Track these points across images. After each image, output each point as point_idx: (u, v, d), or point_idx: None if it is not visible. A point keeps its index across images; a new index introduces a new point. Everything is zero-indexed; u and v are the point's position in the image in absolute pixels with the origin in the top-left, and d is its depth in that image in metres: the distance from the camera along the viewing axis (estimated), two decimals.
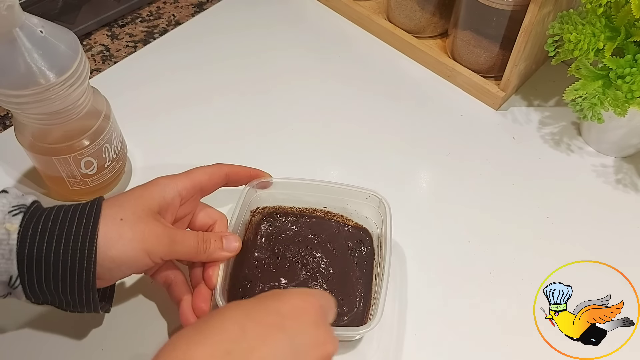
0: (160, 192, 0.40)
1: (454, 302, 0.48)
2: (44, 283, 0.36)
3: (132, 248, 0.37)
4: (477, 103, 0.64)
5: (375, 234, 0.49)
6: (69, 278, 0.36)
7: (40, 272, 0.35)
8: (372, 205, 0.48)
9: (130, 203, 0.38)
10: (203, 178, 0.43)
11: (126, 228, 0.37)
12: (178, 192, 0.41)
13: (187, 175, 0.42)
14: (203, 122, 0.61)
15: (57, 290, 0.36)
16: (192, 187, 0.42)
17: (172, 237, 0.39)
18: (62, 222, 0.36)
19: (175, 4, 0.74)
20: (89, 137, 0.48)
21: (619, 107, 0.49)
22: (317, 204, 0.50)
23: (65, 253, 0.35)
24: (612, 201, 0.56)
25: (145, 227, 0.38)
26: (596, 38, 0.49)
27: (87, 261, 0.35)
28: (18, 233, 0.34)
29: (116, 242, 0.36)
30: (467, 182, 0.57)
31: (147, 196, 0.39)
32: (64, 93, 0.43)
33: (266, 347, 0.30)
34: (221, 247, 0.42)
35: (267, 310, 0.33)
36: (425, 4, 0.64)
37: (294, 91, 0.64)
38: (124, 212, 0.37)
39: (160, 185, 0.41)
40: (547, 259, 0.51)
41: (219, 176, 0.44)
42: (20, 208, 0.36)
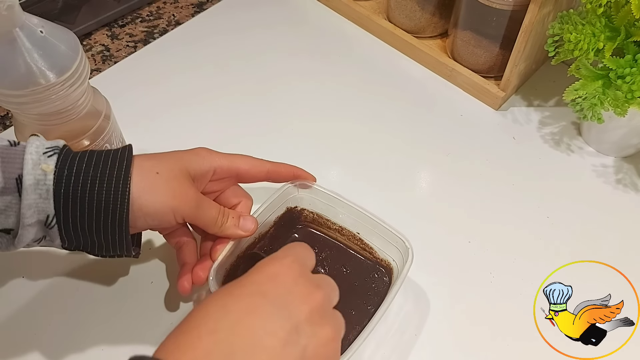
0: (197, 161, 0.41)
1: (454, 302, 0.48)
2: (79, 223, 0.36)
3: (162, 202, 0.38)
4: (477, 103, 0.64)
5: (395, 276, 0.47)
6: (103, 218, 0.36)
7: (75, 212, 0.36)
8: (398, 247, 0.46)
9: (169, 161, 0.40)
10: (243, 166, 0.44)
11: (161, 181, 0.38)
12: (213, 167, 0.42)
13: (229, 157, 0.43)
14: (203, 121, 0.61)
15: (91, 230, 0.37)
16: (229, 170, 0.43)
17: (199, 202, 0.40)
18: (95, 165, 0.36)
19: (175, 4, 0.74)
20: (89, 137, 0.48)
21: (619, 107, 0.49)
22: (352, 226, 0.49)
23: (100, 193, 0.36)
24: (612, 201, 0.56)
25: (177, 186, 0.39)
26: (596, 38, 0.50)
27: (121, 202, 0.36)
28: (54, 173, 0.35)
29: (148, 192, 0.37)
30: (467, 182, 0.57)
31: (185, 160, 0.41)
32: (64, 93, 0.43)
33: (249, 315, 0.31)
34: (237, 224, 0.43)
35: (243, 284, 0.33)
36: (425, 4, 0.64)
37: (294, 91, 0.64)
38: (160, 167, 0.39)
39: (199, 156, 0.42)
40: (547, 259, 0.51)
41: (259, 171, 0.45)
42: (54, 149, 0.36)
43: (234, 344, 0.29)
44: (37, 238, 0.37)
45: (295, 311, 0.31)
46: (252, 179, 0.45)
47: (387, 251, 0.48)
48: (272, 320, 0.30)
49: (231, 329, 0.30)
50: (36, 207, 0.35)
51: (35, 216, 0.35)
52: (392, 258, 0.48)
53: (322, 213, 0.50)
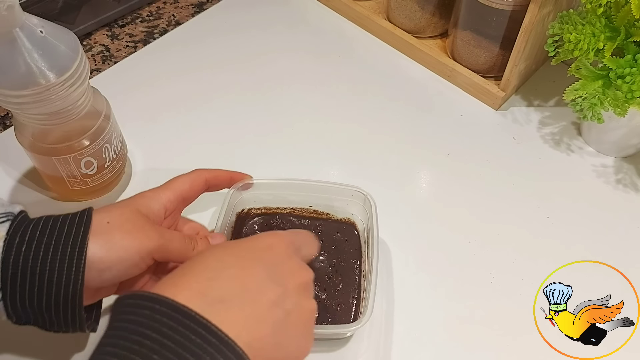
0: (146, 203, 0.40)
1: (455, 302, 0.48)
2: (27, 297, 0.34)
3: (121, 247, 0.36)
4: (477, 103, 0.64)
5: (362, 230, 0.50)
6: (54, 290, 0.34)
7: (24, 285, 0.34)
8: (357, 202, 0.49)
9: (118, 208, 0.38)
10: (184, 187, 0.43)
11: (114, 230, 0.36)
12: (163, 205, 0.41)
13: (169, 187, 0.42)
14: (203, 122, 0.61)
15: (40, 305, 0.35)
16: (175, 199, 0.42)
17: (161, 234, 0.38)
18: (50, 231, 0.35)
19: (175, 4, 0.74)
20: (89, 137, 0.48)
21: (619, 107, 0.49)
22: (302, 203, 0.51)
23: (53, 262, 0.34)
24: (612, 201, 0.56)
25: (132, 226, 0.37)
26: (596, 38, 0.50)
27: (76, 270, 0.34)
28: (4, 241, 0.34)
29: (105, 245, 0.35)
30: (467, 182, 0.57)
31: (134, 204, 0.39)
32: (64, 93, 0.43)
33: (245, 273, 0.32)
34: (208, 244, 0.42)
35: (241, 247, 0.35)
36: (425, 4, 0.64)
37: (294, 91, 0.64)
38: (110, 216, 0.37)
39: (146, 198, 0.40)
40: (547, 259, 0.51)
41: (199, 183, 0.44)
42: (8, 216, 0.35)
43: (226, 291, 0.31)
44: None
45: (285, 280, 0.33)
46: (196, 195, 0.44)
47: (345, 209, 0.50)
48: (264, 282, 0.33)
49: (226, 280, 0.32)
50: None
51: None
52: (352, 212, 0.50)
53: (269, 205, 0.51)
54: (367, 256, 0.47)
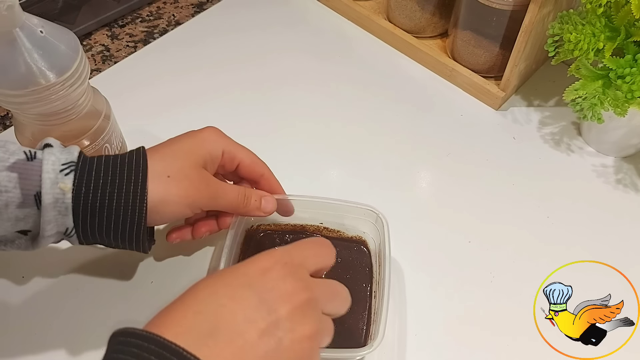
0: (207, 148, 0.43)
1: (454, 302, 0.48)
2: (97, 232, 0.38)
3: (177, 203, 0.40)
4: (477, 103, 0.64)
5: (373, 249, 0.49)
6: (120, 230, 0.39)
7: (94, 224, 0.38)
8: (369, 221, 0.48)
9: (179, 160, 0.41)
10: (246, 159, 0.45)
11: (173, 185, 0.39)
12: (222, 150, 0.44)
13: (234, 144, 0.45)
14: (203, 121, 0.60)
15: (109, 237, 0.39)
16: (234, 158, 0.44)
17: (215, 192, 0.42)
18: (112, 179, 0.38)
19: (175, 4, 0.74)
20: (89, 137, 0.48)
21: (619, 107, 0.49)
22: (313, 220, 0.50)
23: (118, 209, 0.38)
24: (612, 201, 0.56)
25: (189, 184, 0.40)
26: (596, 38, 0.49)
27: (139, 217, 0.38)
28: (72, 192, 0.36)
29: (163, 199, 0.39)
30: (467, 182, 0.57)
31: (194, 151, 0.42)
32: (64, 93, 0.43)
33: (234, 302, 0.32)
34: (259, 207, 0.45)
35: (234, 273, 0.34)
36: (425, 4, 0.64)
37: (294, 91, 0.64)
38: (171, 169, 0.40)
39: (209, 141, 0.43)
40: (547, 259, 0.51)
41: (256, 171, 0.46)
42: (70, 165, 0.37)
43: (214, 324, 0.31)
44: (56, 241, 0.39)
45: (277, 307, 0.32)
46: (247, 175, 0.46)
47: (356, 227, 0.49)
48: (254, 310, 0.32)
49: (215, 311, 0.31)
50: (55, 222, 0.37)
51: (55, 229, 0.37)
52: (363, 231, 0.49)
53: (279, 221, 0.50)
54: (378, 277, 0.46)
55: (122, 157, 0.39)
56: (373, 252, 0.49)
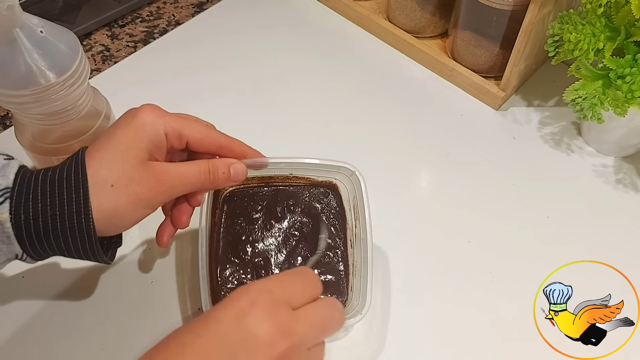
0: (147, 136, 0.37)
1: (454, 302, 0.48)
2: (50, 252, 0.36)
3: (130, 210, 0.36)
4: (477, 103, 0.64)
5: (346, 198, 0.49)
6: (73, 249, 0.36)
7: (43, 247, 0.36)
8: (343, 174, 0.48)
9: (119, 162, 0.36)
10: (196, 135, 0.40)
11: (119, 194, 0.36)
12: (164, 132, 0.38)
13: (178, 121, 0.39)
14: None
15: (63, 255, 0.37)
16: (180, 137, 0.39)
17: (170, 183, 0.38)
18: (51, 201, 0.35)
19: (175, 4, 0.74)
20: (89, 137, 0.48)
21: (619, 107, 0.49)
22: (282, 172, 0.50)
23: (64, 231, 0.35)
24: (612, 201, 0.56)
25: (138, 187, 0.36)
26: (596, 38, 0.49)
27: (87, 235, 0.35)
28: (10, 221, 0.34)
29: (113, 212, 0.36)
30: (468, 182, 0.57)
31: (134, 145, 0.37)
32: (64, 93, 0.43)
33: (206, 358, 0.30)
34: (229, 177, 0.41)
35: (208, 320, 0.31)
36: (425, 4, 0.64)
37: (294, 91, 0.64)
38: (113, 176, 0.36)
39: (147, 127, 0.38)
40: (547, 258, 0.51)
41: (211, 143, 0.41)
42: (5, 193, 0.34)
43: None
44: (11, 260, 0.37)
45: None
46: (202, 150, 0.41)
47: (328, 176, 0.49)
48: None
49: None
50: (1, 251, 0.35)
51: (3, 257, 0.35)
52: (334, 178, 0.49)
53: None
54: (354, 228, 0.47)
55: (60, 171, 0.36)
56: (346, 199, 0.49)
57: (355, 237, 0.46)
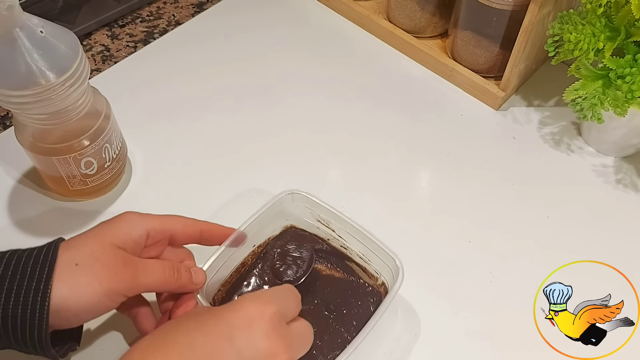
0: (126, 229, 0.38)
1: (454, 303, 0.48)
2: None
3: (88, 293, 0.34)
4: (477, 103, 0.64)
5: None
6: (20, 333, 0.33)
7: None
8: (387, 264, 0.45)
9: (89, 243, 0.36)
10: (176, 226, 0.40)
11: (81, 273, 0.34)
12: (146, 230, 0.39)
13: (159, 217, 0.40)
14: (203, 122, 0.61)
15: (10, 342, 0.34)
16: (162, 231, 0.40)
17: (135, 271, 0.37)
18: (12, 275, 0.33)
19: (175, 4, 0.74)
20: (89, 137, 0.48)
21: (619, 107, 0.49)
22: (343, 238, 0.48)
23: (15, 309, 0.33)
24: (612, 201, 0.56)
25: (102, 268, 0.35)
26: (596, 38, 0.49)
27: (39, 319, 0.33)
28: None
29: (70, 292, 0.34)
30: (467, 182, 0.57)
31: (109, 233, 0.37)
32: (64, 93, 0.43)
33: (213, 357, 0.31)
34: (191, 279, 0.40)
35: (218, 321, 0.32)
36: (425, 4, 0.64)
37: (294, 91, 0.64)
38: (79, 255, 0.35)
39: (128, 222, 0.38)
40: (547, 258, 0.51)
41: (193, 230, 0.41)
42: None
43: None
44: None
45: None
46: (185, 240, 0.42)
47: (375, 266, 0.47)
48: None
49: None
50: None
51: None
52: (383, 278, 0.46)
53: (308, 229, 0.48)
54: None
55: (30, 251, 0.35)
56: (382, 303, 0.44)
57: None
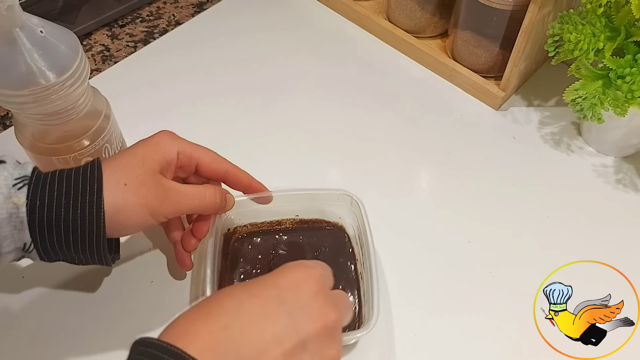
0: (162, 153, 0.41)
1: (454, 302, 0.48)
2: (57, 245, 0.37)
3: (137, 212, 0.39)
4: (477, 103, 0.64)
5: (352, 234, 0.49)
6: (80, 242, 0.37)
7: (52, 237, 0.37)
8: (344, 205, 0.48)
9: (133, 166, 0.39)
10: (205, 158, 0.44)
11: (130, 193, 0.38)
12: (176, 151, 0.42)
13: (190, 144, 0.43)
14: (203, 121, 0.61)
15: (69, 250, 0.38)
16: (190, 157, 0.43)
17: (177, 196, 0.41)
18: (67, 191, 0.37)
19: (175, 4, 0.74)
20: (89, 137, 0.47)
21: (619, 107, 0.49)
22: (288, 213, 0.50)
23: (75, 221, 0.36)
24: (612, 201, 0.56)
25: (147, 191, 0.39)
26: (596, 38, 0.49)
27: (97, 227, 0.37)
28: (26, 206, 0.36)
29: (122, 208, 0.38)
30: (467, 182, 0.57)
31: (149, 157, 0.40)
32: (64, 93, 0.43)
33: (264, 319, 0.31)
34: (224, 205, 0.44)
35: (265, 284, 0.33)
36: (425, 4, 0.64)
37: (294, 91, 0.64)
38: (127, 177, 0.39)
39: (161, 145, 0.42)
40: (547, 259, 0.51)
41: (219, 168, 0.44)
42: (24, 180, 0.36)
43: (241, 343, 0.30)
44: (16, 258, 0.38)
45: (306, 326, 0.32)
46: (210, 174, 0.45)
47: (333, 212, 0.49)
48: (282, 329, 0.31)
49: (242, 328, 0.30)
50: (12, 237, 0.36)
51: (12, 245, 0.36)
52: (339, 216, 0.50)
53: (255, 220, 0.50)
54: (362, 258, 0.47)
55: (76, 170, 0.38)
56: (352, 236, 0.49)
57: (364, 268, 0.46)
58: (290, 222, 0.51)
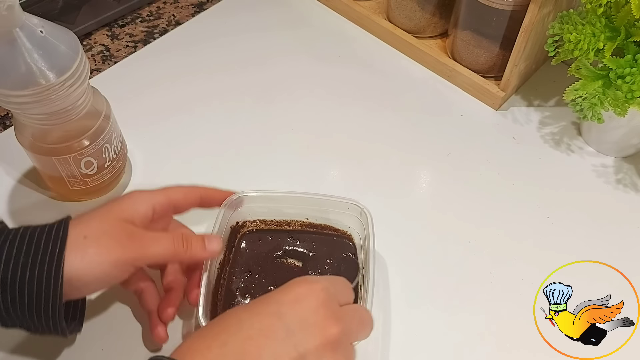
0: (132, 205, 0.39)
1: (455, 302, 0.48)
2: (11, 307, 0.35)
3: (98, 263, 0.36)
4: (477, 103, 0.64)
5: (359, 244, 0.49)
6: (35, 305, 0.35)
7: (6, 297, 0.34)
8: (353, 215, 0.48)
9: (97, 219, 0.38)
10: (178, 196, 0.43)
11: (89, 245, 0.36)
12: (152, 205, 0.40)
13: (162, 192, 0.42)
14: (203, 122, 0.61)
15: (24, 315, 0.35)
16: (167, 204, 0.42)
17: (142, 241, 0.38)
18: (27, 249, 0.35)
19: (175, 4, 0.74)
20: (89, 137, 0.48)
21: (619, 107, 0.49)
22: (298, 215, 0.50)
23: (31, 281, 0.34)
24: (612, 201, 0.56)
25: (109, 239, 0.37)
26: (596, 38, 0.50)
27: (54, 290, 0.34)
28: None
29: (80, 262, 0.35)
30: (467, 182, 0.57)
31: (116, 209, 0.39)
32: (64, 93, 0.43)
33: (262, 335, 0.32)
34: (204, 247, 0.41)
35: (268, 301, 0.34)
36: (425, 4, 0.64)
37: (294, 91, 0.64)
38: (88, 229, 0.37)
39: (133, 199, 0.40)
40: (547, 259, 0.51)
41: (193, 196, 0.44)
42: None
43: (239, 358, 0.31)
44: None
45: (305, 340, 0.32)
46: (188, 206, 0.44)
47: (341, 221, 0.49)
48: (280, 344, 0.31)
49: (241, 344, 0.31)
50: None
51: None
52: (348, 225, 0.49)
53: (264, 217, 0.50)
54: (363, 270, 0.46)
55: (42, 227, 0.36)
56: (359, 246, 0.49)
57: (363, 279, 0.46)
58: (299, 224, 0.50)
